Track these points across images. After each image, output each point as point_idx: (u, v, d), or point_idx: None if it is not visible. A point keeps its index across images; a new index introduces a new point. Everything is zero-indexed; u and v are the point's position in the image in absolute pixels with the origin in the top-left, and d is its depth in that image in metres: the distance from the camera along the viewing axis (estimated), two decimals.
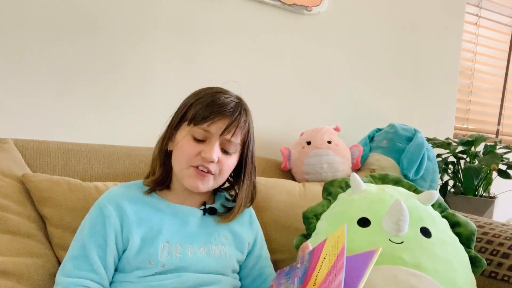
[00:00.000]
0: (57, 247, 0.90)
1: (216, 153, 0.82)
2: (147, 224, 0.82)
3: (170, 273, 0.80)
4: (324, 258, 0.71)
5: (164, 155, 0.88)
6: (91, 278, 0.76)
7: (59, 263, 0.89)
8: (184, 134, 0.84)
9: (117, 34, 1.33)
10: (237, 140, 0.85)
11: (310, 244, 0.81)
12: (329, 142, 1.42)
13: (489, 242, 1.07)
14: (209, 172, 0.83)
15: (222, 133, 0.83)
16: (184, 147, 0.84)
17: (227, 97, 0.85)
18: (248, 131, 0.89)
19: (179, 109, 0.88)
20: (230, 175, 0.93)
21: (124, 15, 1.33)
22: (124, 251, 0.80)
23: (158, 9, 1.39)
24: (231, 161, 0.87)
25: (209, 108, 0.82)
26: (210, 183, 0.85)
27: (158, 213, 0.84)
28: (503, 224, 1.14)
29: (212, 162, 0.82)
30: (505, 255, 1.01)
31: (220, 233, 0.88)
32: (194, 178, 0.83)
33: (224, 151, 0.85)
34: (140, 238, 0.80)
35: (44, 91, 1.23)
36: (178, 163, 0.85)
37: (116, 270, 0.81)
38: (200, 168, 0.83)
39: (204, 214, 0.88)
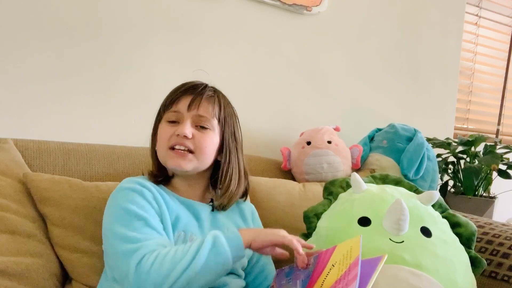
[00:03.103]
0: (57, 246, 0.90)
1: (188, 128, 0.85)
2: (165, 212, 0.83)
3: None
4: (333, 266, 0.71)
5: (155, 153, 0.92)
6: (163, 241, 0.75)
7: (60, 263, 0.89)
8: (161, 124, 0.89)
9: (117, 34, 1.33)
10: (208, 114, 0.87)
11: (305, 255, 0.79)
12: (329, 142, 1.42)
13: (489, 242, 1.07)
14: (187, 149, 0.85)
15: (189, 108, 0.86)
16: (161, 133, 0.88)
17: (194, 82, 0.91)
18: (221, 107, 0.90)
19: (157, 112, 0.93)
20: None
21: (125, 16, 1.33)
22: None
23: (158, 10, 1.39)
24: (209, 137, 0.87)
25: (175, 91, 0.90)
26: (193, 162, 0.86)
27: (175, 202, 0.86)
28: (503, 224, 1.14)
29: (186, 137, 0.84)
30: (505, 255, 1.01)
31: (228, 229, 0.89)
32: (174, 158, 0.85)
33: (199, 127, 0.87)
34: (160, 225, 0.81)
35: (44, 91, 1.23)
36: (159, 148, 0.89)
37: None
38: (177, 147, 0.85)
39: (212, 210, 0.91)
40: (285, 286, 0.77)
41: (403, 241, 0.81)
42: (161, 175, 0.91)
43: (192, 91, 0.88)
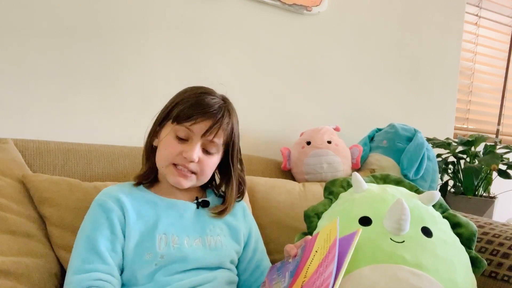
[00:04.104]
0: (57, 247, 0.90)
1: (197, 153, 0.85)
2: (144, 218, 0.84)
3: (170, 265, 0.80)
4: (316, 252, 0.72)
5: (150, 150, 0.92)
6: (101, 269, 0.76)
7: (60, 263, 0.89)
8: (168, 131, 0.87)
9: (117, 34, 1.32)
10: (219, 141, 0.87)
11: (293, 246, 0.83)
12: (329, 142, 1.42)
13: (489, 242, 1.07)
14: (189, 171, 0.86)
15: (204, 134, 0.85)
16: (166, 145, 0.86)
17: (212, 98, 0.87)
18: (232, 132, 0.89)
19: (165, 107, 0.91)
20: (218, 172, 0.96)
21: (125, 16, 1.33)
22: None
23: (158, 10, 1.39)
24: (213, 161, 0.89)
25: (193, 108, 0.85)
26: (193, 181, 0.88)
27: (153, 208, 0.86)
28: (503, 224, 1.14)
29: (192, 162, 0.85)
30: (505, 255, 1.01)
31: (215, 225, 0.90)
32: (176, 176, 0.86)
33: (206, 151, 0.87)
34: (139, 232, 0.82)
35: (44, 91, 1.23)
36: (160, 160, 0.88)
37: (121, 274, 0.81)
38: (179, 167, 0.86)
39: (197, 207, 0.91)
40: (275, 280, 0.78)
41: (403, 241, 0.81)
42: (151, 175, 0.91)
43: (211, 116, 0.85)
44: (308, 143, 1.43)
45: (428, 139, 1.73)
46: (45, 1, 1.22)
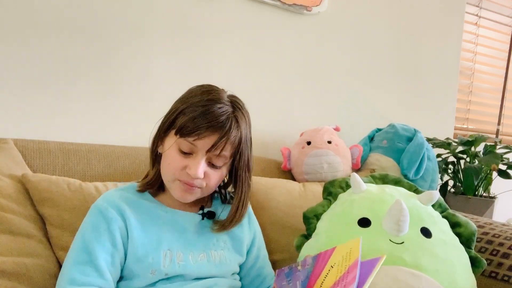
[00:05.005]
0: (56, 247, 0.90)
1: (201, 169, 0.79)
2: (147, 232, 0.80)
3: (173, 279, 0.79)
4: (332, 267, 0.71)
5: (155, 157, 0.87)
6: (99, 284, 0.73)
7: (59, 263, 0.89)
8: (171, 143, 0.81)
9: (117, 34, 1.32)
10: (226, 153, 0.81)
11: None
12: (329, 142, 1.42)
13: (489, 242, 1.07)
14: (194, 187, 0.82)
15: (209, 150, 0.79)
16: (170, 159, 0.81)
17: (219, 107, 0.79)
18: (240, 142, 0.82)
19: (169, 113, 0.84)
20: (228, 176, 0.91)
21: (125, 15, 1.33)
22: (125, 257, 0.79)
23: (158, 9, 1.39)
24: (219, 174, 0.84)
25: (197, 121, 0.77)
26: (197, 195, 0.84)
27: (157, 221, 0.83)
28: (503, 224, 1.14)
29: (197, 178, 0.80)
30: (505, 255, 1.01)
31: (219, 238, 0.87)
32: (181, 191, 0.82)
33: (212, 165, 0.82)
34: (142, 245, 0.79)
35: (44, 91, 1.23)
36: (165, 174, 0.84)
37: (120, 278, 0.80)
38: (184, 183, 0.81)
39: (202, 218, 0.88)
40: (286, 287, 0.78)
41: (403, 242, 0.81)
42: (156, 183, 0.87)
43: (217, 129, 0.78)
44: (308, 143, 1.43)
45: (428, 139, 1.73)
46: (46, 2, 1.22)
